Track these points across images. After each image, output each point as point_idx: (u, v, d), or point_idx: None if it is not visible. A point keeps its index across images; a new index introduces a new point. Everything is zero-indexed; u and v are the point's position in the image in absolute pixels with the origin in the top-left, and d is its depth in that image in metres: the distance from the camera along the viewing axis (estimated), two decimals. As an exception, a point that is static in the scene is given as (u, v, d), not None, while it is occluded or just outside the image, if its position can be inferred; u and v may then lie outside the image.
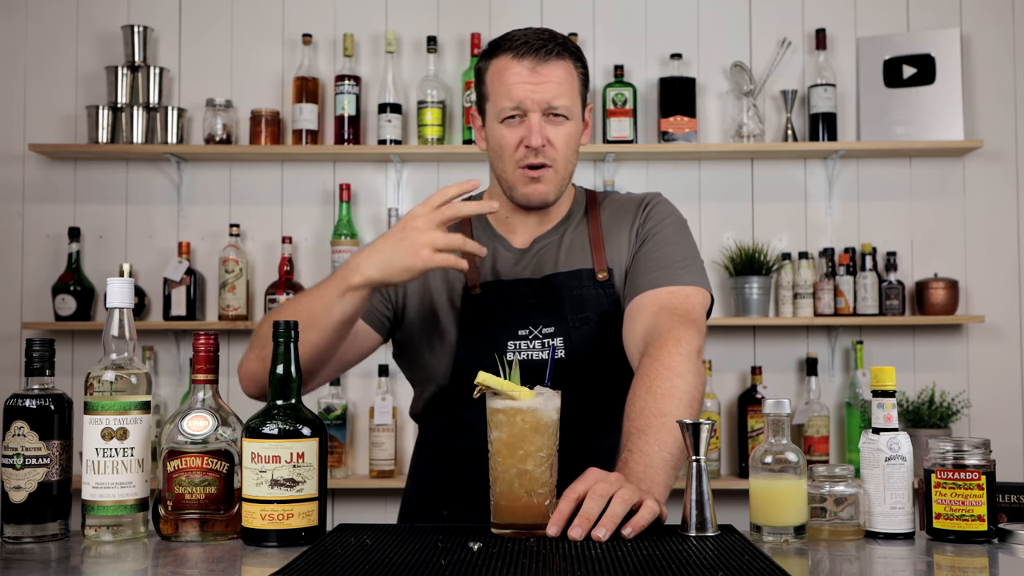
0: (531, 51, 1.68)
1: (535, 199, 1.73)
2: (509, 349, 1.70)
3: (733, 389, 3.57)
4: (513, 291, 1.74)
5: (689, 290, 1.71)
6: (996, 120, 3.60)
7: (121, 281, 1.46)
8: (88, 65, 3.62)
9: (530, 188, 1.72)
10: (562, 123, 1.70)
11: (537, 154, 1.69)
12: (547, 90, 1.68)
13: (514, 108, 1.69)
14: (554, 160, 1.71)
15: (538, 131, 1.68)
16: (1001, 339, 3.57)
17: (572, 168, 1.76)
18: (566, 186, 1.76)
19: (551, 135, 1.69)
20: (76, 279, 3.48)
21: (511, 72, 1.69)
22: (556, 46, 1.70)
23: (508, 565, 1.17)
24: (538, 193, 1.72)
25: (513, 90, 1.68)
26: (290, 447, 1.34)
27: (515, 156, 1.71)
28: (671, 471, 1.46)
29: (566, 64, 1.71)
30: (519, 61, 1.69)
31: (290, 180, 3.62)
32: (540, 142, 1.68)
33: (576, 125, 1.73)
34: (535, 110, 1.68)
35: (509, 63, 1.70)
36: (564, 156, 1.72)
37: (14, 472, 1.41)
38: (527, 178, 1.71)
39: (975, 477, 1.38)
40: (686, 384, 1.53)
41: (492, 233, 1.81)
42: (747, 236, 3.59)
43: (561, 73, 1.69)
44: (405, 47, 3.63)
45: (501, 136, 1.71)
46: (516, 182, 1.73)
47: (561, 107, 1.69)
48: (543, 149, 1.69)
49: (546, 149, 1.69)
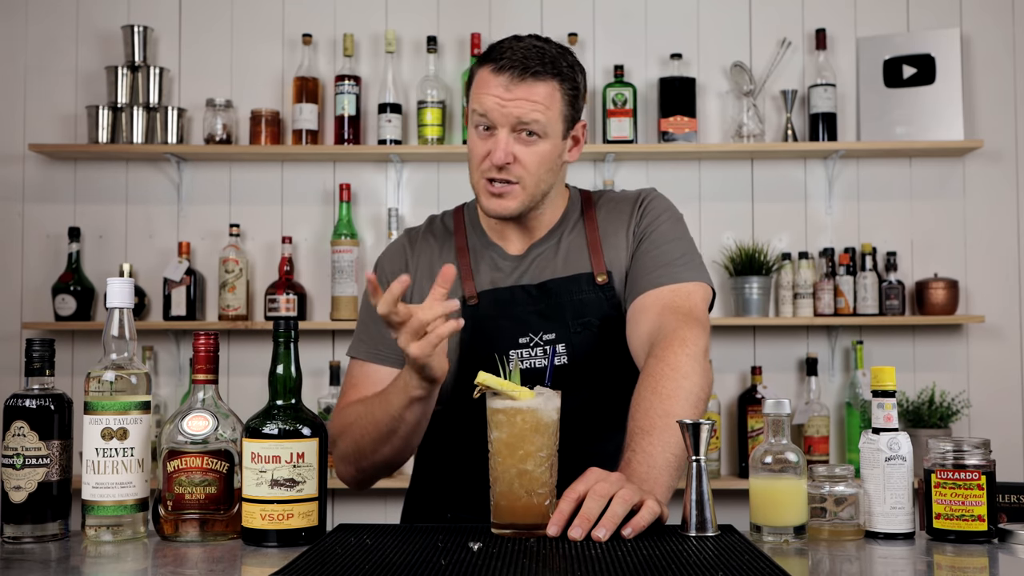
0: (509, 67, 1.65)
1: (495, 212, 1.70)
2: (511, 359, 1.69)
3: (733, 389, 3.57)
4: (511, 298, 1.73)
5: (691, 286, 1.70)
6: (996, 120, 3.60)
7: (121, 281, 1.46)
8: (88, 65, 3.62)
9: (492, 202, 1.69)
10: (534, 142, 1.66)
11: (501, 170, 1.66)
12: (517, 107, 1.64)
13: (481, 116, 1.66)
14: (520, 178, 1.67)
15: (503, 147, 1.64)
16: (1001, 339, 3.57)
17: (545, 186, 1.71)
18: (537, 201, 1.72)
19: (520, 153, 1.66)
20: (76, 279, 3.48)
21: (487, 84, 1.67)
22: (538, 66, 1.65)
23: (508, 565, 1.17)
24: (500, 207, 1.69)
25: (484, 100, 1.66)
26: (290, 447, 1.34)
27: (481, 167, 1.68)
28: (674, 472, 1.46)
29: (547, 84, 1.66)
30: (496, 76, 1.66)
31: (290, 180, 3.62)
32: (503, 159, 1.64)
33: (552, 145, 1.68)
34: (504, 125, 1.65)
35: (488, 75, 1.67)
36: (534, 175, 1.67)
37: (14, 472, 1.41)
38: (488, 192, 1.69)
39: (975, 477, 1.38)
40: (692, 385, 1.53)
41: (486, 241, 1.79)
42: (747, 236, 3.59)
43: (539, 92, 1.65)
44: (405, 47, 3.63)
45: (472, 143, 1.70)
46: (480, 192, 1.71)
47: (533, 124, 1.65)
48: (508, 167, 1.66)
49: (512, 167, 1.66)
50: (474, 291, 1.73)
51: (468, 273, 1.75)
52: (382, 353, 1.74)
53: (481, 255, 1.78)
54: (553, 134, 1.68)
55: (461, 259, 1.77)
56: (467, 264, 1.76)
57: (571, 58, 1.73)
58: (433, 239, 1.82)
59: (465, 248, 1.78)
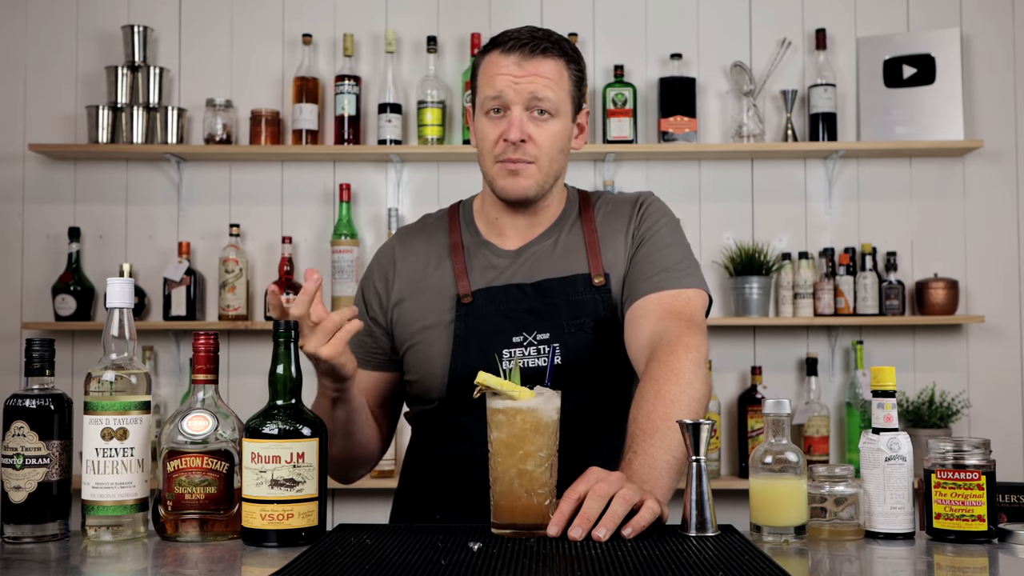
0: (519, 46, 1.67)
1: (512, 193, 1.69)
2: (504, 357, 1.68)
3: (733, 389, 3.57)
4: (505, 297, 1.72)
5: (691, 293, 1.70)
6: (996, 120, 3.60)
7: (121, 281, 1.46)
8: (88, 65, 3.62)
9: (509, 181, 1.68)
10: (547, 121, 1.67)
11: (516, 149, 1.66)
12: (531, 83, 1.65)
13: (495, 98, 1.66)
14: (536, 157, 1.67)
15: (518, 125, 1.65)
16: (1001, 339, 3.57)
17: (557, 168, 1.71)
18: (550, 185, 1.72)
19: (534, 132, 1.66)
20: (76, 279, 3.48)
21: (497, 65, 1.68)
22: (546, 43, 1.68)
23: (508, 565, 1.17)
24: (518, 187, 1.68)
25: (496, 80, 1.67)
26: (290, 447, 1.34)
27: (494, 151, 1.68)
28: (675, 474, 1.46)
29: (556, 62, 1.68)
30: (507, 56, 1.67)
31: (290, 180, 3.62)
32: (519, 136, 1.64)
33: (563, 125, 1.69)
34: (517, 103, 1.65)
35: (497, 58, 1.68)
36: (548, 155, 1.68)
37: (14, 472, 1.41)
38: (506, 171, 1.68)
39: (975, 477, 1.38)
40: (694, 391, 1.53)
41: (480, 239, 1.78)
42: (747, 236, 3.59)
43: (548, 69, 1.67)
44: (405, 47, 3.63)
45: (483, 129, 1.70)
46: (496, 176, 1.69)
47: (545, 101, 1.65)
48: (523, 145, 1.66)
49: (527, 145, 1.66)
50: (468, 289, 1.73)
51: (462, 271, 1.74)
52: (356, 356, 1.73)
53: (475, 253, 1.77)
54: (564, 113, 1.69)
55: (455, 257, 1.76)
56: (461, 262, 1.75)
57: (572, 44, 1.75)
58: (426, 238, 1.82)
59: (459, 246, 1.78)
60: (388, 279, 1.80)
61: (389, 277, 1.80)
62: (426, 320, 1.74)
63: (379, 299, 1.79)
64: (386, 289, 1.79)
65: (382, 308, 1.79)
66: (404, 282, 1.78)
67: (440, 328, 1.73)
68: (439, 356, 1.71)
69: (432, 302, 1.75)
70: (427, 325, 1.74)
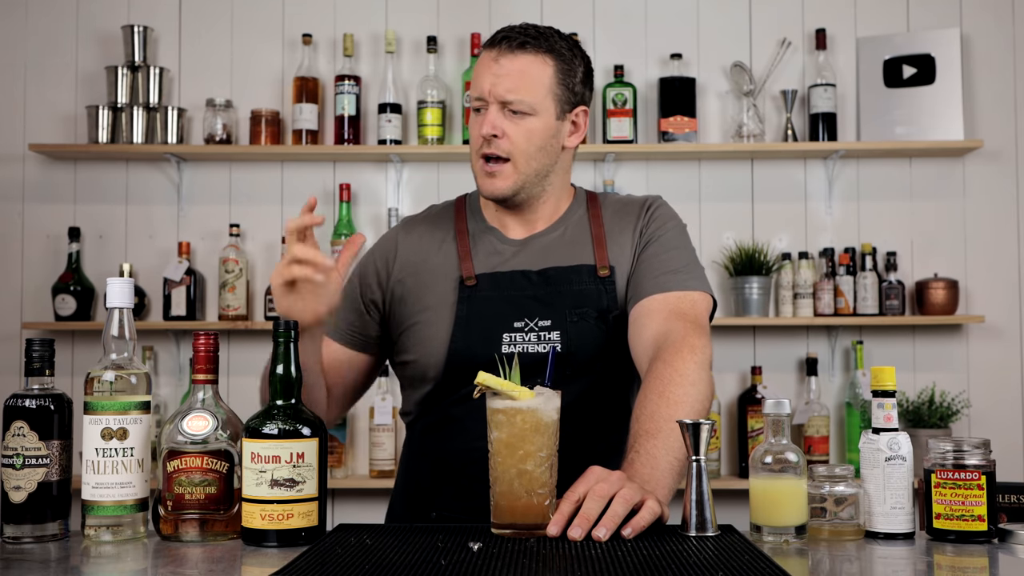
0: (498, 42, 1.69)
1: (489, 193, 1.72)
2: (505, 342, 1.68)
3: (733, 389, 3.57)
4: (510, 282, 1.72)
5: (696, 295, 1.70)
6: (996, 120, 3.60)
7: (121, 281, 1.46)
8: (88, 65, 3.62)
9: (485, 181, 1.72)
10: (523, 118, 1.68)
11: (489, 144, 1.68)
12: (501, 83, 1.67)
13: (476, 98, 1.70)
14: (510, 153, 1.68)
15: (490, 121, 1.67)
16: (1001, 339, 3.57)
17: (538, 166, 1.71)
18: (529, 182, 1.72)
19: (508, 128, 1.67)
20: (76, 279, 3.48)
21: (482, 63, 1.71)
22: (524, 38, 1.68)
23: (508, 565, 1.17)
24: (494, 187, 1.71)
25: (478, 80, 1.70)
26: (290, 447, 1.34)
27: (476, 147, 1.71)
28: (676, 475, 1.46)
29: (534, 58, 1.68)
30: (489, 52, 1.70)
31: (290, 180, 3.62)
32: (489, 131, 1.67)
33: (543, 122, 1.69)
34: (492, 101, 1.68)
35: (484, 56, 1.71)
36: (523, 152, 1.69)
37: (14, 472, 1.41)
38: (484, 172, 1.71)
39: (975, 477, 1.38)
40: (698, 393, 1.53)
41: (486, 226, 1.80)
42: (747, 236, 3.59)
43: (521, 66, 1.68)
44: (405, 47, 3.63)
45: (470, 127, 1.73)
46: (477, 174, 1.73)
47: (515, 102, 1.67)
48: (496, 140, 1.67)
49: (500, 141, 1.68)
50: (472, 272, 1.73)
51: (467, 254, 1.75)
52: (340, 329, 1.79)
53: (480, 238, 1.78)
54: (543, 111, 1.69)
55: (460, 241, 1.77)
56: (466, 245, 1.77)
57: (570, 41, 1.75)
58: (431, 224, 1.83)
59: (464, 231, 1.79)
60: (389, 260, 1.80)
61: (390, 258, 1.80)
62: (428, 300, 1.74)
63: (378, 277, 1.80)
64: (386, 268, 1.80)
65: (380, 286, 1.79)
66: (406, 263, 1.78)
67: (442, 309, 1.73)
68: (439, 337, 1.71)
69: (435, 283, 1.75)
70: (428, 306, 1.74)
